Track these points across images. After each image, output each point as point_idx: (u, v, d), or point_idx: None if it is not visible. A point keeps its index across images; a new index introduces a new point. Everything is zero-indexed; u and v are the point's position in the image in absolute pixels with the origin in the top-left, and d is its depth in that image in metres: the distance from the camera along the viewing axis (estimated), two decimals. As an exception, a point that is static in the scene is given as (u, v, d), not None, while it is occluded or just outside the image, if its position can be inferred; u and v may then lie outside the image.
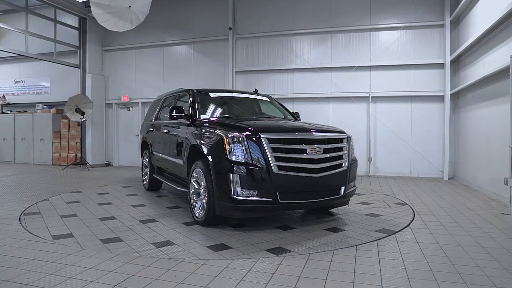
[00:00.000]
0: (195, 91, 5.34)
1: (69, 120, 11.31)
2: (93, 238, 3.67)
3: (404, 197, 6.22)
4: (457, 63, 8.57)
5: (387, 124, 9.28)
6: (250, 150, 3.71)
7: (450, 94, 8.66)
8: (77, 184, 7.45)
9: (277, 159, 3.72)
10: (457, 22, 8.55)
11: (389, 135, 9.27)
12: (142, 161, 7.08)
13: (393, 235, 3.88)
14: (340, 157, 4.16)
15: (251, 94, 5.95)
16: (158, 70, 11.37)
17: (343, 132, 4.38)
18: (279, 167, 3.71)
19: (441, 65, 8.83)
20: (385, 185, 7.67)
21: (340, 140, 4.22)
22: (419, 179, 8.62)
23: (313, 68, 9.78)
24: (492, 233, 3.94)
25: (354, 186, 4.46)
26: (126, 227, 4.12)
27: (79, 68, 11.16)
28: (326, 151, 3.98)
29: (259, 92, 6.41)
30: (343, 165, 4.17)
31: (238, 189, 3.67)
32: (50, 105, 12.31)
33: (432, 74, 8.97)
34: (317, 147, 3.91)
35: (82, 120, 10.47)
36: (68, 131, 11.52)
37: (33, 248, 3.32)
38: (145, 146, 7.00)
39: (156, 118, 6.58)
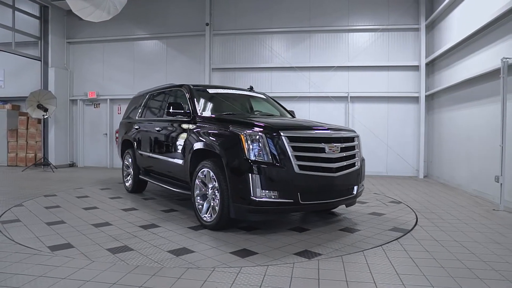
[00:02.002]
0: (192, 86, 5.04)
1: (28, 117, 10.35)
2: (97, 248, 3.28)
3: (394, 195, 6.34)
4: (432, 65, 8.95)
5: (365, 124, 9.47)
6: (271, 148, 3.52)
7: (425, 96, 9.03)
8: (47, 187, 6.77)
9: (298, 158, 3.56)
10: (431, 27, 8.93)
11: (367, 134, 9.44)
12: (123, 161, 6.58)
13: (409, 233, 3.89)
14: (353, 156, 4.10)
15: (247, 91, 5.74)
16: (129, 66, 10.74)
17: (354, 131, 4.33)
18: (300, 166, 3.55)
19: (416, 67, 9.18)
20: (369, 183, 7.80)
21: (352, 139, 4.16)
22: (396, 178, 8.89)
23: (292, 67, 9.75)
24: (498, 229, 4.08)
25: (363, 185, 4.42)
26: (128, 234, 3.75)
27: (40, 60, 10.21)
28: (342, 149, 3.90)
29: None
30: (356, 164, 4.11)
31: (258, 190, 3.46)
32: (4, 100, 11.15)
33: (408, 76, 9.30)
34: (335, 146, 3.82)
35: (45, 117, 9.59)
36: (27, 129, 10.52)
37: (33, 262, 2.88)
38: (127, 145, 6.51)
39: (141, 115, 6.14)
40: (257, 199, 3.46)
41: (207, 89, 5.18)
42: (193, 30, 10.25)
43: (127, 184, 6.43)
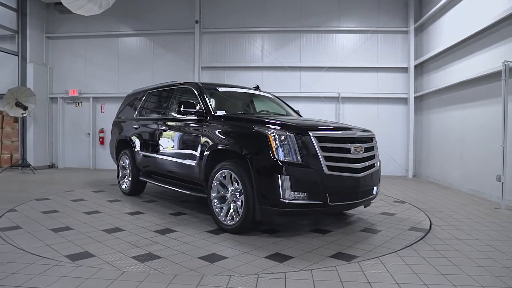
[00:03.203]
0: (200, 84, 4.86)
1: (3, 116, 9.69)
2: (121, 256, 3.05)
3: (393, 194, 6.43)
4: (420, 67, 9.18)
5: (355, 124, 9.54)
6: (300, 149, 3.43)
7: (414, 97, 9.25)
8: (34, 190, 6.32)
9: (326, 158, 3.50)
10: (420, 29, 9.15)
11: (357, 135, 9.56)
12: (119, 162, 6.26)
13: (430, 233, 3.92)
14: (373, 156, 4.09)
15: (253, 90, 5.64)
16: (113, 63, 10.29)
17: (371, 131, 4.32)
18: (329, 167, 3.48)
19: (405, 69, 9.39)
20: (364, 183, 7.87)
21: (371, 139, 4.15)
22: (387, 178, 9.02)
23: (283, 67, 9.70)
24: (510, 227, 4.20)
25: (379, 186, 4.42)
26: (147, 240, 3.53)
27: (18, 56, 9.57)
28: (365, 150, 3.88)
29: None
30: (375, 164, 4.10)
31: (287, 191, 3.35)
32: (-26, 97, 10.37)
33: (397, 77, 9.49)
34: (359, 146, 3.79)
35: (24, 115, 9.00)
36: (2, 128, 9.82)
37: (57, 274, 2.63)
38: (123, 145, 6.20)
39: (140, 114, 5.87)
40: (286, 201, 3.35)
41: (217, 88, 5.02)
42: (182, 27, 9.97)
43: (123, 186, 6.12)
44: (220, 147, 3.96)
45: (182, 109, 4.35)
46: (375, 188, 4.12)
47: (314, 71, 9.69)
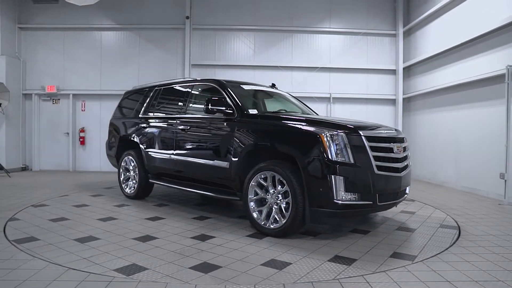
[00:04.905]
0: (225, 82, 4.65)
1: (-31, 114, 8.75)
2: (177, 268, 2.80)
3: (398, 193, 6.57)
4: (408, 70, 9.50)
5: (345, 124, 9.70)
6: (352, 149, 3.36)
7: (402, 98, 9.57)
8: (22, 195, 5.73)
9: (375, 158, 3.46)
10: (408, 33, 9.47)
11: (348, 134, 9.71)
12: (120, 164, 5.85)
13: (462, 230, 4.02)
14: (407, 156, 4.12)
15: (272, 88, 5.52)
16: (95, 58, 9.67)
17: (401, 131, 4.36)
18: (378, 167, 3.46)
19: (393, 71, 9.67)
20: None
21: (404, 139, 4.18)
22: (377, 176, 9.26)
23: (275, 66, 9.63)
24: (527, 222, 4.43)
25: (407, 186, 4.47)
26: (191, 248, 3.30)
27: (-13, 47, 8.71)
28: (404, 149, 3.91)
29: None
30: (409, 164, 4.14)
31: (341, 192, 3.28)
32: None
33: (385, 79, 9.75)
34: (400, 145, 3.80)
35: (-3, 113, 8.21)
36: (-33, 127, 8.88)
37: (122, 290, 2.36)
38: (126, 146, 5.81)
39: (148, 113, 5.52)
40: (339, 202, 3.28)
41: (241, 85, 4.83)
42: (171, 22, 9.59)
43: (126, 189, 5.73)
44: (262, 147, 3.80)
45: (210, 107, 4.14)
46: (407, 188, 4.16)
47: (306, 71, 9.72)
